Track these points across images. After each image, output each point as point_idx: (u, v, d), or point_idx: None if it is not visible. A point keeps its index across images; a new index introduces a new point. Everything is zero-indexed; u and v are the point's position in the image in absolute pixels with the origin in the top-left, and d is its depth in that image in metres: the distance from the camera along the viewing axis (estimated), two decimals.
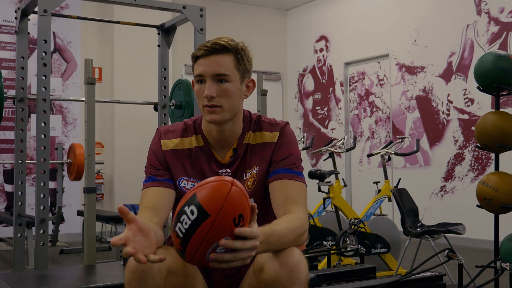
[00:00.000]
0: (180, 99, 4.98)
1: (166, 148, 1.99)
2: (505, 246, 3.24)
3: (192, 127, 2.03)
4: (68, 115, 7.57)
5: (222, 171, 1.98)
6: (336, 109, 8.68)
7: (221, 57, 1.87)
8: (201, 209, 1.47)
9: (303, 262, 1.72)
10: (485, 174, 3.38)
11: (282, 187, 1.89)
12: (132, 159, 7.64)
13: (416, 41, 7.42)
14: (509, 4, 6.39)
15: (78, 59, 7.68)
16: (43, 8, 3.82)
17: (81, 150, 6.34)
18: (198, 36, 4.37)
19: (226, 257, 1.49)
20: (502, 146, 3.21)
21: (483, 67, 3.25)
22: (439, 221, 5.59)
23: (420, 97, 7.36)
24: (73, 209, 7.34)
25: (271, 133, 1.99)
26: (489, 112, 3.38)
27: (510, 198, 3.16)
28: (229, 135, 1.97)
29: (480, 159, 6.59)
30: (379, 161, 7.77)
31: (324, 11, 8.97)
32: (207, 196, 1.48)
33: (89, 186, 3.40)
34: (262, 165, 1.96)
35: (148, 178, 1.96)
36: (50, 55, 3.85)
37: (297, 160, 1.96)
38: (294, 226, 1.76)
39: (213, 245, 1.48)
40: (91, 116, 3.49)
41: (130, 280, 1.72)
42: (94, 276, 2.91)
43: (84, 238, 3.45)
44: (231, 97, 1.89)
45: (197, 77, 1.90)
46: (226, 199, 1.47)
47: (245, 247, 1.48)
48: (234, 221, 1.47)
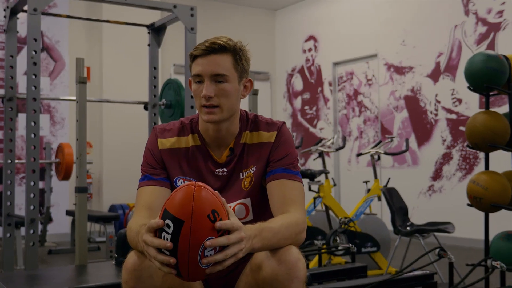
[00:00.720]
0: (170, 98, 4.97)
1: (163, 147, 1.98)
2: (495, 245, 3.28)
3: (189, 126, 2.02)
4: (56, 115, 7.53)
5: (218, 171, 1.98)
6: (324, 108, 8.70)
7: (219, 56, 1.87)
8: (175, 219, 1.50)
9: (302, 260, 1.72)
10: (476, 173, 3.41)
11: (280, 187, 1.90)
12: (120, 158, 7.62)
13: (405, 41, 7.46)
14: (496, 4, 6.44)
15: (66, 58, 7.64)
16: (33, 7, 3.79)
17: (70, 150, 6.30)
18: (189, 35, 4.36)
19: (218, 257, 1.51)
20: (492, 146, 3.25)
21: (474, 67, 3.28)
22: (427, 220, 5.62)
23: (408, 97, 7.40)
24: (61, 209, 7.30)
25: (268, 133, 1.99)
26: (479, 112, 3.41)
27: (500, 197, 3.20)
28: (226, 135, 1.97)
29: (467, 159, 6.64)
30: (368, 160, 7.80)
31: (312, 11, 8.99)
32: (175, 204, 1.52)
33: (81, 185, 3.38)
34: (259, 165, 1.97)
35: (144, 177, 1.96)
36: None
37: (294, 160, 1.96)
38: (290, 223, 1.77)
39: (200, 249, 1.49)
40: (82, 116, 3.47)
41: (128, 279, 1.72)
42: (87, 276, 2.89)
43: (75, 238, 3.43)
44: (229, 97, 1.89)
45: (195, 77, 1.89)
46: (193, 200, 1.50)
47: (231, 241, 1.51)
48: (209, 218, 1.50)
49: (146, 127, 7.50)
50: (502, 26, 6.39)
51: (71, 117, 7.61)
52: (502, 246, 3.24)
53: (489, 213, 3.40)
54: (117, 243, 3.10)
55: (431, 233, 4.30)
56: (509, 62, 3.32)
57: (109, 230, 5.60)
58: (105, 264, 3.41)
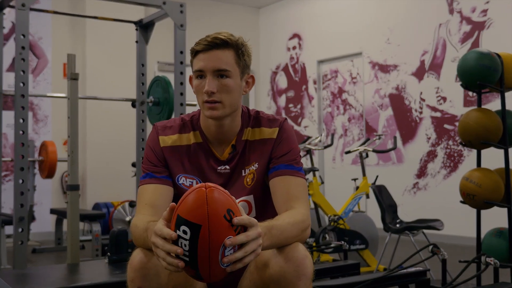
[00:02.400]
0: (158, 95, 4.93)
1: (165, 145, 1.96)
2: (487, 241, 3.30)
3: (190, 123, 2.00)
4: (39, 112, 7.44)
5: (220, 168, 1.96)
6: (309, 106, 8.71)
7: (221, 52, 1.85)
8: (191, 224, 1.47)
9: (309, 257, 1.71)
10: (469, 171, 3.43)
11: (283, 183, 1.89)
12: (104, 156, 7.55)
13: (389, 39, 7.49)
14: (481, 3, 6.50)
15: (49, 55, 7.55)
16: (21, 2, 3.73)
17: (53, 148, 6.22)
18: (178, 32, 4.32)
19: (238, 255, 1.49)
20: (485, 143, 3.27)
21: (467, 64, 3.30)
22: (412, 218, 5.66)
23: (393, 95, 7.43)
24: (44, 208, 7.22)
25: (270, 129, 1.97)
26: (472, 109, 3.43)
27: (493, 194, 3.22)
28: (227, 131, 1.95)
29: (452, 157, 6.69)
30: (352, 158, 7.84)
31: (296, 9, 9.00)
32: (188, 210, 1.48)
33: (72, 183, 3.33)
34: (261, 161, 1.95)
35: (146, 175, 1.93)
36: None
37: (297, 156, 1.95)
38: (296, 220, 1.76)
39: (220, 250, 1.48)
40: (74, 113, 3.43)
41: (134, 277, 1.70)
42: (82, 275, 2.86)
43: (67, 236, 3.38)
44: (232, 93, 1.87)
45: (197, 72, 1.87)
46: (207, 203, 1.47)
47: (250, 237, 1.50)
48: (225, 217, 1.48)
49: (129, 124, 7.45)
50: (486, 25, 6.45)
51: (54, 114, 7.52)
52: (494, 243, 3.26)
53: (481, 210, 3.43)
54: (110, 241, 3.07)
55: (421, 230, 4.32)
56: (502, 60, 3.35)
57: (95, 228, 5.54)
58: (97, 263, 3.37)
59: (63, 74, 7.68)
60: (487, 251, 3.25)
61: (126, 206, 6.56)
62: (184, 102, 4.33)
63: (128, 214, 6.48)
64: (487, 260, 2.93)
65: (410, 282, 3.19)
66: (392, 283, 3.13)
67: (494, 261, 2.93)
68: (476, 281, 3.34)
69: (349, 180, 5.48)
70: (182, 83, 4.32)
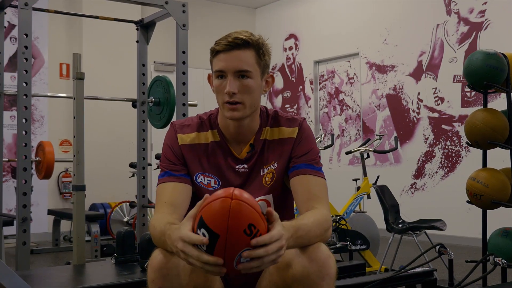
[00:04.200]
0: (159, 96, 4.90)
1: (183, 143, 1.94)
2: (493, 241, 3.31)
3: (208, 121, 1.99)
4: (35, 112, 7.39)
5: (239, 167, 1.95)
6: (305, 107, 8.71)
7: (242, 52, 1.83)
8: (210, 231, 1.46)
9: (332, 257, 1.71)
10: (475, 171, 3.43)
11: (304, 182, 1.88)
12: (101, 157, 7.51)
13: (387, 40, 7.50)
14: (478, 4, 6.52)
15: (45, 55, 7.50)
16: (24, 2, 3.71)
17: (51, 148, 6.18)
18: (181, 32, 4.30)
19: (253, 264, 1.47)
20: (492, 143, 3.27)
21: (473, 65, 3.31)
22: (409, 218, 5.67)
23: (390, 96, 7.45)
24: (40, 208, 7.17)
25: (289, 129, 1.97)
26: (478, 109, 3.44)
27: (500, 194, 3.23)
28: (246, 131, 1.94)
29: (450, 157, 6.71)
30: (349, 159, 7.84)
31: (293, 9, 8.99)
32: (211, 216, 1.47)
33: (78, 183, 3.31)
34: (281, 161, 1.94)
35: (164, 173, 1.91)
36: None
37: (316, 156, 1.95)
38: (320, 221, 1.75)
39: (236, 258, 1.47)
40: (80, 113, 3.40)
41: (154, 278, 1.68)
42: (90, 276, 2.83)
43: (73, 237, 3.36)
44: (252, 93, 1.86)
45: (217, 72, 1.86)
46: (229, 216, 1.45)
47: (269, 252, 1.47)
48: (245, 232, 1.45)
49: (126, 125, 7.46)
50: (484, 26, 6.47)
51: (51, 115, 7.48)
52: (500, 243, 3.26)
53: (488, 210, 3.43)
54: (117, 242, 3.05)
55: (423, 230, 4.33)
56: (508, 60, 3.36)
57: (94, 229, 5.51)
58: (104, 264, 3.35)
59: (60, 74, 7.64)
60: (494, 251, 3.25)
61: (124, 207, 6.52)
62: (186, 102, 4.31)
63: (126, 215, 6.45)
64: (495, 260, 2.93)
65: (417, 282, 3.18)
66: (399, 283, 3.12)
67: (502, 261, 2.93)
68: (482, 281, 3.34)
69: (347, 180, 5.49)
70: (185, 83, 4.29)
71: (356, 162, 7.79)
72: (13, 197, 7.32)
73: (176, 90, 4.39)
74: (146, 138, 4.72)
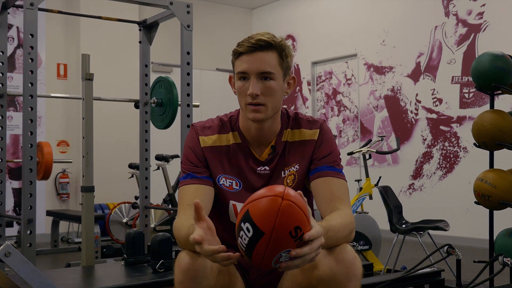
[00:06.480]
0: (161, 96, 4.89)
1: (205, 145, 1.95)
2: (500, 242, 3.33)
3: (228, 123, 1.99)
4: None
5: (260, 169, 1.95)
6: (303, 108, 8.72)
7: (265, 54, 1.84)
8: (256, 227, 1.44)
9: (358, 259, 1.72)
10: (482, 172, 3.45)
11: (326, 184, 1.89)
12: (99, 157, 7.42)
13: (385, 41, 7.53)
14: (477, 6, 6.56)
15: (42, 55, 7.46)
16: (30, 1, 3.69)
17: (49, 149, 6.16)
18: (185, 33, 4.30)
19: (295, 263, 1.47)
20: (501, 144, 3.30)
21: (481, 66, 3.33)
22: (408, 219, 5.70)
23: (389, 97, 7.47)
24: (38, 210, 7.09)
25: (310, 131, 1.97)
26: (486, 110, 3.46)
27: (508, 195, 3.25)
28: (267, 133, 1.95)
29: (448, 158, 6.74)
30: (347, 159, 7.86)
31: (290, 10, 9.00)
32: (258, 213, 1.45)
33: (87, 184, 3.30)
34: (302, 163, 1.95)
35: (186, 175, 1.91)
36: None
37: (337, 158, 1.96)
38: (347, 222, 1.77)
39: (276, 257, 1.46)
40: (88, 113, 3.39)
41: (183, 280, 1.68)
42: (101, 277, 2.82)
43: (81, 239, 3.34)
44: (275, 95, 1.87)
45: (240, 74, 1.86)
46: (278, 216, 1.43)
47: (314, 249, 1.47)
48: (291, 234, 1.44)
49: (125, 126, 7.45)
50: (482, 28, 6.51)
51: (48, 115, 7.45)
52: (508, 243, 3.28)
53: (495, 210, 3.45)
54: (127, 244, 3.04)
55: (427, 230, 4.35)
56: None
57: (94, 230, 5.47)
58: (114, 265, 3.34)
59: (57, 75, 7.61)
60: (501, 251, 3.27)
61: (123, 208, 6.50)
62: (191, 103, 4.30)
63: (125, 216, 6.43)
64: (504, 260, 2.95)
65: (425, 283, 3.21)
66: (408, 284, 3.14)
67: (511, 261, 2.95)
68: (489, 282, 3.36)
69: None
70: (189, 84, 4.28)
71: (354, 163, 7.81)
72: (10, 199, 7.31)
73: (181, 91, 4.38)
74: (149, 139, 4.70)
